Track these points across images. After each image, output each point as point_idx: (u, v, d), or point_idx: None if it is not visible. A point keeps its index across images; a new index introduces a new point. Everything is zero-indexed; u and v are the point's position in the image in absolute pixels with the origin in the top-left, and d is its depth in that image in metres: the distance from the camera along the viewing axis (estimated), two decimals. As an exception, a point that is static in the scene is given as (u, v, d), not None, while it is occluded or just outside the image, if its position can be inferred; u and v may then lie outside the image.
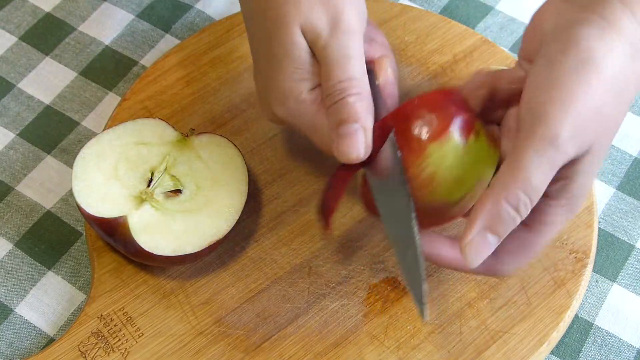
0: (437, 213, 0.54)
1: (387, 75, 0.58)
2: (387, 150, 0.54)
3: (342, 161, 0.55)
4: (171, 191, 0.62)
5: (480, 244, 0.50)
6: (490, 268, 0.54)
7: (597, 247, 0.66)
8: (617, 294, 0.65)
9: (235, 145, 0.65)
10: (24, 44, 0.77)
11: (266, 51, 0.57)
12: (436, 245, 0.54)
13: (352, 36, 0.55)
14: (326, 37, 0.55)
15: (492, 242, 0.50)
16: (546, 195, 0.51)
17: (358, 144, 0.54)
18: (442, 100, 0.54)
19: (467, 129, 0.53)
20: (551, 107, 0.48)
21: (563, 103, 0.48)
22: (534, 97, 0.50)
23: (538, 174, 0.48)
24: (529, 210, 0.49)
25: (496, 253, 0.52)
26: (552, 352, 0.63)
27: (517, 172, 0.49)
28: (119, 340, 0.61)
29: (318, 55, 0.56)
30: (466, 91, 0.55)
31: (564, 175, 0.51)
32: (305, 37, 0.56)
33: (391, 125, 0.54)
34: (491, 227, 0.49)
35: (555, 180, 0.50)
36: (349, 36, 0.55)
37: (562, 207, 0.52)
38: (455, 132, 0.53)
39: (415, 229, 0.52)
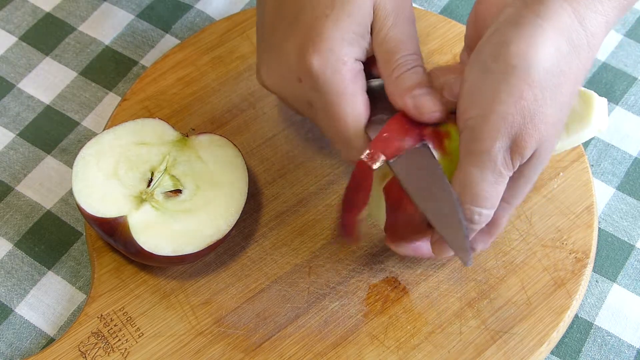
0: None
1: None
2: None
3: (421, 118, 0.54)
4: (171, 191, 0.62)
5: (443, 246, 0.56)
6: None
7: (597, 247, 0.66)
8: (617, 294, 0.65)
9: (235, 145, 0.65)
10: (24, 44, 0.77)
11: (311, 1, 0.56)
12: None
13: (412, 23, 0.57)
14: (394, 19, 0.55)
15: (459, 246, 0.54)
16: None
17: (436, 101, 0.54)
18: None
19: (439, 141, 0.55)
20: (483, 121, 0.50)
21: (495, 116, 0.50)
22: (468, 110, 0.52)
23: (484, 185, 0.52)
24: (487, 217, 0.53)
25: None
26: (552, 352, 0.63)
27: (465, 190, 0.52)
28: (119, 340, 0.61)
29: (382, 34, 0.55)
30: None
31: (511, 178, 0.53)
32: (374, 12, 0.55)
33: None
34: (448, 237, 0.54)
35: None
36: (410, 22, 0.57)
37: (505, 202, 0.55)
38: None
39: (451, 188, 0.53)
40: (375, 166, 0.54)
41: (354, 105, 0.55)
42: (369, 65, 0.58)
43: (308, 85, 0.56)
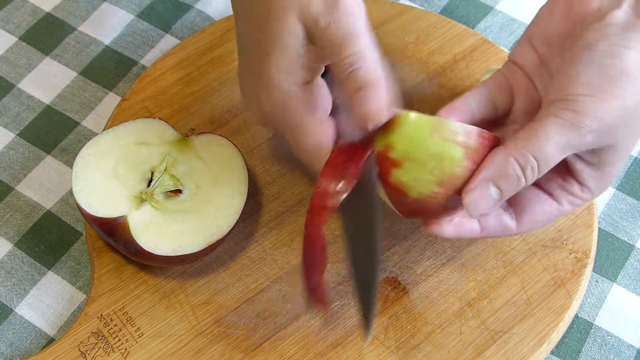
0: (423, 206, 0.55)
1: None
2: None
3: (364, 123, 0.53)
4: (171, 191, 0.62)
5: (480, 192, 0.52)
6: (505, 231, 0.57)
7: (597, 247, 0.66)
8: (617, 294, 0.65)
9: (235, 145, 0.65)
10: (24, 44, 0.77)
11: (256, 41, 0.56)
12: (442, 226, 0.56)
13: (352, 15, 0.54)
14: (326, 17, 0.54)
15: (493, 194, 0.52)
16: (578, 181, 0.55)
17: (379, 103, 0.53)
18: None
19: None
20: (585, 100, 0.51)
21: (598, 99, 0.51)
22: (569, 86, 0.52)
23: (552, 145, 0.51)
24: (535, 176, 0.52)
25: (520, 217, 0.56)
26: (552, 352, 0.63)
27: (533, 138, 0.51)
28: (119, 340, 0.61)
29: (320, 38, 0.54)
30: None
31: (591, 162, 0.54)
32: (303, 24, 0.54)
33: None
34: (494, 179, 0.52)
35: (584, 167, 0.54)
36: (349, 15, 0.54)
37: (589, 190, 0.55)
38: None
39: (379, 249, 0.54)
40: (323, 224, 0.53)
41: (309, 136, 0.56)
42: None
43: (272, 122, 0.58)
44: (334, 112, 0.58)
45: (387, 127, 0.53)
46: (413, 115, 0.53)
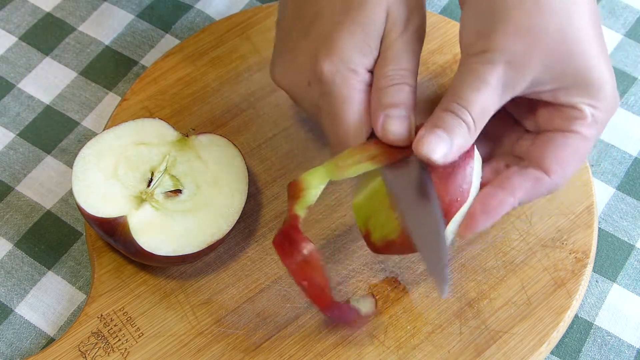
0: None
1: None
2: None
3: (384, 139, 0.55)
4: (171, 191, 0.62)
5: (430, 137, 0.53)
6: (541, 184, 0.56)
7: (597, 247, 0.66)
8: (617, 294, 0.65)
9: (235, 145, 0.65)
10: (24, 44, 0.77)
11: (344, 6, 0.56)
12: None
13: (419, 38, 0.57)
14: (401, 28, 0.56)
15: (442, 136, 0.53)
16: (573, 107, 0.54)
17: (404, 127, 0.55)
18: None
19: None
20: (479, 35, 0.53)
21: (491, 29, 0.52)
22: (466, 39, 0.54)
23: (466, 88, 0.52)
24: (469, 116, 0.52)
25: (545, 166, 0.55)
26: (552, 352, 0.63)
27: (450, 91, 0.53)
28: (119, 340, 0.61)
29: (387, 42, 0.56)
30: None
31: (567, 87, 0.54)
32: (386, 19, 0.56)
33: None
34: (435, 125, 0.53)
35: (566, 97, 0.54)
36: (417, 37, 0.57)
37: (590, 106, 0.55)
38: None
39: (440, 215, 0.53)
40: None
41: (358, 113, 0.56)
42: None
43: (317, 90, 0.57)
44: None
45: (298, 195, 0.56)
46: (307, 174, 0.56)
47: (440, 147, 0.52)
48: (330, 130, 0.57)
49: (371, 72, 0.57)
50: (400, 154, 0.55)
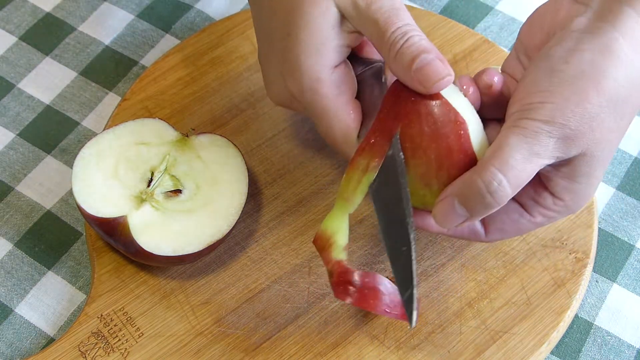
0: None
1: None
2: (391, 152, 0.54)
3: (429, 89, 0.51)
4: (171, 191, 0.62)
5: (446, 208, 0.52)
6: (474, 236, 0.57)
7: (597, 247, 0.66)
8: (617, 294, 0.65)
9: (235, 145, 0.65)
10: (24, 44, 0.77)
11: (283, 24, 0.55)
12: (425, 218, 0.57)
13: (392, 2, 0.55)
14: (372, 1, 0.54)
15: (458, 211, 0.51)
16: (552, 194, 0.53)
17: (440, 67, 0.52)
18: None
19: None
20: (542, 107, 0.50)
21: (555, 106, 0.50)
22: (527, 96, 0.51)
23: (517, 156, 0.50)
24: (505, 192, 0.50)
25: (488, 225, 0.56)
26: (552, 352, 0.63)
27: (497, 152, 0.50)
28: (119, 340, 0.61)
29: (360, 18, 0.54)
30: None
31: (565, 174, 0.52)
32: (337, 7, 0.54)
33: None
34: (459, 196, 0.51)
35: (558, 179, 0.53)
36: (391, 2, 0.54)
37: (564, 204, 0.54)
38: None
39: (412, 233, 0.52)
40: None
41: (339, 120, 0.56)
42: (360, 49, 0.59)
43: (300, 107, 0.58)
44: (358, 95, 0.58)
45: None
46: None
47: (451, 221, 0.52)
48: (324, 137, 0.58)
49: (337, 65, 0.56)
50: (385, 147, 0.53)
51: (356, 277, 0.55)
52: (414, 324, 0.51)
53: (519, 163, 0.50)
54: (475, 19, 0.78)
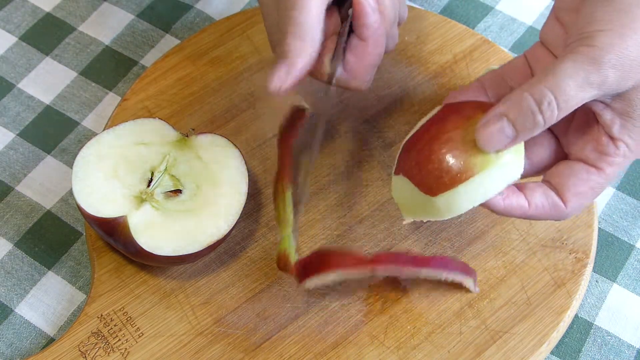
0: None
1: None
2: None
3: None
4: (171, 191, 0.62)
5: (494, 127, 0.51)
6: (556, 210, 0.55)
7: (597, 247, 0.66)
8: (617, 294, 0.65)
9: (235, 145, 0.65)
10: (24, 44, 0.77)
11: None
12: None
13: None
14: None
15: (507, 130, 0.51)
16: (611, 137, 0.53)
17: (278, 76, 0.56)
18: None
19: None
20: (602, 35, 0.49)
21: (613, 33, 0.49)
22: (585, 26, 0.50)
23: (570, 80, 0.49)
24: (554, 114, 0.50)
25: (563, 195, 0.54)
26: (552, 352, 0.63)
27: (549, 74, 0.50)
28: (119, 340, 0.61)
29: None
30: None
31: (621, 110, 0.52)
32: None
33: None
34: (509, 113, 0.50)
35: (614, 117, 0.52)
36: None
37: (625, 147, 0.53)
38: None
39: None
40: None
41: (308, 13, 0.56)
42: None
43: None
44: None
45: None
46: None
47: (498, 142, 0.51)
48: (285, 19, 0.57)
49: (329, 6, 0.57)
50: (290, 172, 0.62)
51: (307, 258, 0.60)
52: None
53: (572, 89, 0.49)
54: (475, 19, 0.78)
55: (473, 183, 0.52)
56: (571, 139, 0.55)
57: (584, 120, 0.54)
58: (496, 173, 0.52)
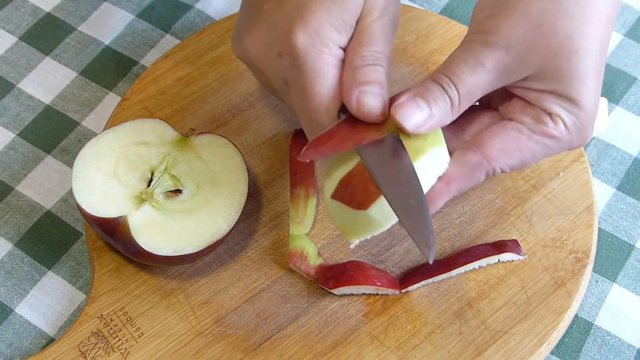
0: None
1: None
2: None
3: (358, 114, 0.54)
4: (171, 191, 0.62)
5: (410, 103, 0.53)
6: (479, 167, 0.55)
7: (597, 247, 0.66)
8: (617, 294, 0.65)
9: (235, 145, 0.65)
10: (24, 44, 0.77)
11: None
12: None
13: (393, 25, 0.57)
14: (379, 12, 0.56)
15: (422, 106, 0.53)
16: (550, 113, 0.54)
17: (379, 102, 0.54)
18: None
19: None
20: (490, 19, 0.53)
21: (500, 18, 0.52)
22: (478, 14, 0.54)
23: (461, 64, 0.52)
24: (456, 98, 0.53)
25: (486, 147, 0.54)
26: (552, 352, 0.63)
27: (444, 64, 0.53)
28: (119, 340, 0.61)
29: (361, 25, 0.56)
30: None
31: (553, 90, 0.53)
32: (364, 1, 0.56)
33: None
34: (419, 94, 0.53)
35: (550, 96, 0.53)
36: (392, 24, 0.57)
37: (563, 122, 0.54)
38: None
39: (419, 183, 0.52)
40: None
41: (331, 89, 0.55)
42: None
43: (288, 62, 0.56)
44: None
45: None
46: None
47: (415, 116, 0.52)
48: (301, 105, 0.57)
49: (343, 50, 0.56)
50: (311, 178, 0.65)
51: (340, 266, 0.62)
52: (432, 259, 0.50)
53: (463, 72, 0.52)
54: (475, 19, 0.78)
55: None
56: (509, 108, 0.56)
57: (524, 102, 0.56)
58: (421, 168, 0.52)
